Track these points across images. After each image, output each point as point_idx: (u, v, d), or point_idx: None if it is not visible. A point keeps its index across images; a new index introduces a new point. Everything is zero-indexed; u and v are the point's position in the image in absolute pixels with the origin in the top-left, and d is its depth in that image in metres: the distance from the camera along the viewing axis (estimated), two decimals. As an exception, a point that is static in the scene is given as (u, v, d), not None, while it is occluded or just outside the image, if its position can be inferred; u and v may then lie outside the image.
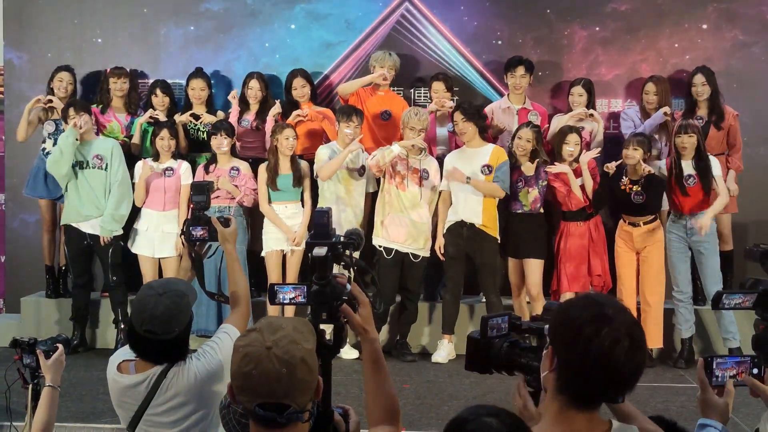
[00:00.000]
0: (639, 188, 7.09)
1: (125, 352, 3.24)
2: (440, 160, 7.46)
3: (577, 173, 7.21)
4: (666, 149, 7.55)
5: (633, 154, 7.04)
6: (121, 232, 7.39)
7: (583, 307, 2.21)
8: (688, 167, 7.12)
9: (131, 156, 7.64)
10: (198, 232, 3.67)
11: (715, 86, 7.57)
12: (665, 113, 7.49)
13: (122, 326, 7.31)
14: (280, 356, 2.21)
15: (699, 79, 7.56)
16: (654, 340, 7.22)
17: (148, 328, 3.09)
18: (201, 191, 3.78)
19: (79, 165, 7.29)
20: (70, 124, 7.15)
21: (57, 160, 7.16)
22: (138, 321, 3.12)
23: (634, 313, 6.80)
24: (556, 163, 7.23)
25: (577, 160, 7.23)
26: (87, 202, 7.30)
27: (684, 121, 7.25)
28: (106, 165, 7.32)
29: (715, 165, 7.17)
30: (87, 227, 7.34)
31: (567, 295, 7.19)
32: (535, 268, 7.24)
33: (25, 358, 3.64)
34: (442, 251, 7.31)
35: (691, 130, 7.09)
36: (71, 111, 7.24)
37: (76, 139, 7.13)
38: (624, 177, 7.14)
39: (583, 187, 7.18)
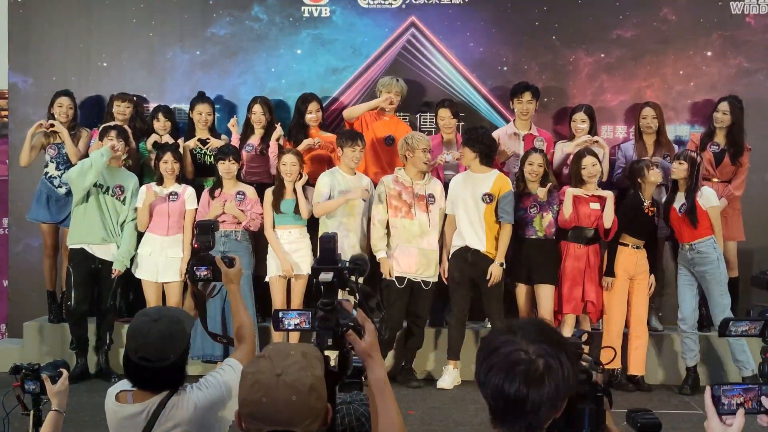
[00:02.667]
0: (655, 209, 7.23)
1: (124, 383, 3.19)
2: (447, 186, 7.47)
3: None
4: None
5: (658, 177, 7.21)
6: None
7: (492, 332, 2.20)
8: (681, 197, 7.16)
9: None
10: (202, 272, 3.65)
11: (737, 118, 7.59)
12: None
13: (105, 348, 7.39)
14: (290, 383, 2.20)
15: (723, 106, 7.61)
16: (638, 367, 7.28)
17: (142, 355, 3.04)
18: (206, 231, 3.77)
19: (99, 188, 7.29)
20: (108, 144, 7.14)
21: (84, 171, 7.09)
22: (132, 348, 3.06)
23: (620, 341, 6.83)
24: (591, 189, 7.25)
25: (599, 181, 7.26)
26: (99, 225, 7.29)
27: (680, 150, 7.30)
28: (125, 198, 7.35)
29: (710, 197, 7.16)
30: (99, 251, 7.33)
31: (567, 318, 7.24)
32: (548, 294, 7.22)
33: (28, 384, 3.59)
34: (446, 275, 7.28)
35: (684, 158, 7.11)
36: (112, 133, 7.25)
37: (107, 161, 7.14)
38: (645, 201, 7.19)
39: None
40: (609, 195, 7.21)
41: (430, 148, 7.26)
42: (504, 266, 7.21)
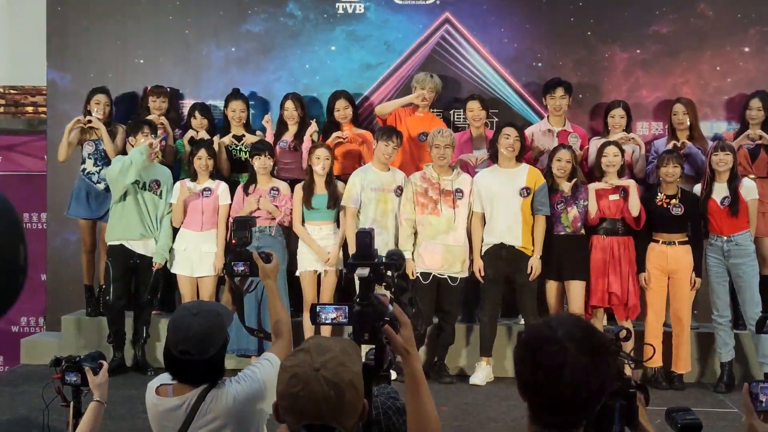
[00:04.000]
0: (677, 201, 7.10)
1: (163, 377, 3.23)
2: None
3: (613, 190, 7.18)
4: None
5: (673, 172, 7.07)
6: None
7: (531, 331, 2.20)
8: (722, 188, 7.08)
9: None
10: (239, 267, 3.69)
11: None
12: (675, 147, 7.43)
13: (142, 342, 7.49)
14: (329, 378, 2.21)
15: (755, 103, 7.55)
16: (683, 365, 7.22)
17: (183, 349, 3.08)
18: (243, 227, 3.81)
19: (136, 184, 7.36)
20: (146, 142, 7.20)
21: (125, 169, 7.14)
22: (173, 342, 3.11)
23: (660, 339, 6.79)
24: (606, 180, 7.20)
25: (620, 173, 7.20)
26: (138, 221, 7.37)
27: (721, 141, 7.22)
28: (161, 192, 7.42)
29: (751, 189, 7.11)
30: (138, 246, 7.41)
31: (596, 312, 7.25)
32: (578, 289, 7.19)
33: (69, 376, 3.64)
34: (482, 273, 7.28)
35: (728, 148, 7.05)
36: (147, 129, 7.33)
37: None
38: (659, 193, 7.13)
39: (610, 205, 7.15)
40: (631, 183, 7.16)
41: (450, 144, 7.20)
42: (540, 260, 7.19)
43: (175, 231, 7.52)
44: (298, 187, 7.40)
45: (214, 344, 3.12)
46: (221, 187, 7.49)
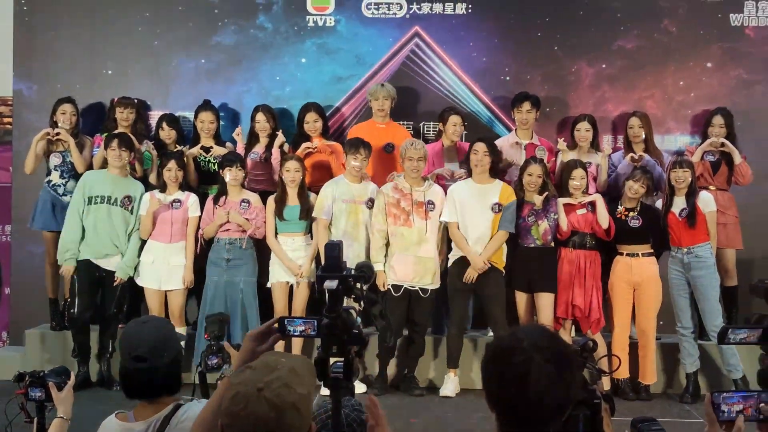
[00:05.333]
0: (635, 214, 7.20)
1: (117, 410, 3.19)
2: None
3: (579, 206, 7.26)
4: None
5: (639, 190, 7.17)
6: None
7: (498, 341, 2.22)
8: (681, 201, 7.18)
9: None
10: (213, 361, 3.75)
11: (732, 129, 7.69)
12: (632, 159, 7.53)
13: (108, 356, 7.41)
14: (270, 399, 2.18)
15: (718, 120, 7.68)
16: (650, 375, 7.32)
17: (137, 355, 3.05)
18: (216, 323, 3.86)
19: (107, 200, 7.32)
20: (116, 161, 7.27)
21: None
22: (127, 350, 3.08)
23: (626, 351, 6.86)
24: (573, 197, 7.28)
25: (584, 193, 7.28)
26: (106, 239, 7.33)
27: (679, 157, 7.33)
28: (132, 208, 7.38)
29: (708, 201, 7.22)
30: (103, 261, 7.37)
31: (565, 323, 7.30)
32: (547, 302, 7.24)
33: (33, 392, 3.56)
34: (479, 267, 7.21)
35: (686, 165, 7.16)
36: (114, 143, 7.28)
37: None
38: (619, 206, 7.25)
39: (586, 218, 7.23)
40: (597, 197, 7.27)
41: (423, 157, 7.21)
42: (488, 265, 7.19)
43: (143, 243, 7.46)
44: (271, 199, 7.39)
45: (167, 350, 3.10)
46: (191, 199, 7.46)
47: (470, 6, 8.34)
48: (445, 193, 7.40)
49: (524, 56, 8.41)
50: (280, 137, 7.74)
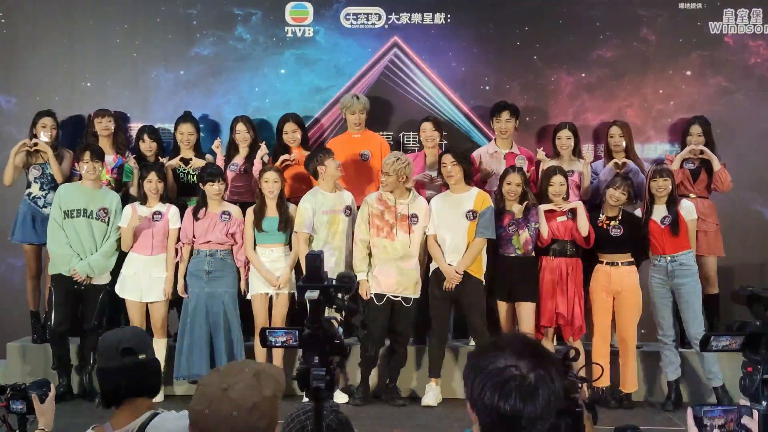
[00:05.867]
0: (617, 223, 7.21)
1: (94, 424, 3.19)
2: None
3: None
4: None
5: (619, 197, 7.17)
6: (109, 278, 7.40)
7: (480, 349, 2.22)
8: (662, 209, 7.21)
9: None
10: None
11: (711, 137, 7.72)
12: (615, 165, 7.57)
13: (89, 368, 7.36)
14: (233, 399, 2.24)
15: (695, 129, 7.72)
16: (630, 384, 7.32)
17: (125, 347, 3.12)
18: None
19: (84, 213, 7.28)
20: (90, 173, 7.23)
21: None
22: (112, 347, 3.13)
23: (606, 359, 6.87)
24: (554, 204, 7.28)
25: (565, 199, 7.29)
26: (82, 252, 7.28)
27: (658, 166, 7.36)
28: (109, 219, 7.34)
29: (690, 209, 7.26)
30: None
31: (547, 331, 7.31)
32: (528, 311, 7.24)
33: (14, 404, 3.57)
34: (453, 277, 7.18)
35: (666, 174, 7.20)
36: (87, 156, 7.23)
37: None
38: (601, 215, 7.26)
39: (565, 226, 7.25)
40: (578, 204, 7.28)
41: (392, 172, 7.12)
42: (461, 274, 7.17)
43: (124, 256, 7.42)
44: (250, 211, 7.38)
45: (148, 346, 3.23)
46: (171, 211, 7.42)
47: (449, 16, 8.37)
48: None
49: (503, 66, 8.44)
50: (263, 149, 7.72)
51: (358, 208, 7.42)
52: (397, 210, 7.26)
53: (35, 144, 7.62)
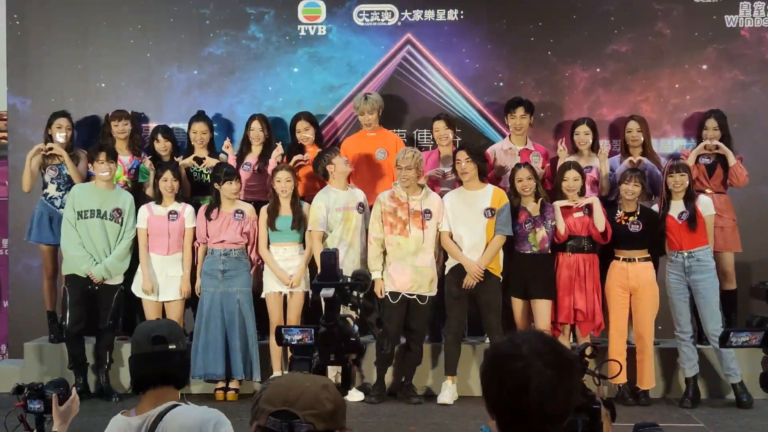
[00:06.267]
0: (635, 218, 7.16)
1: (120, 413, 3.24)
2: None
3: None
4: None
5: (634, 190, 7.12)
6: (122, 278, 7.42)
7: (496, 347, 2.20)
8: (679, 204, 7.17)
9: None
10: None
11: (727, 130, 7.66)
12: (630, 163, 7.53)
13: (105, 367, 7.38)
14: (308, 377, 2.29)
15: (711, 123, 7.66)
16: (648, 380, 7.27)
17: (157, 335, 3.16)
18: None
19: (97, 214, 7.30)
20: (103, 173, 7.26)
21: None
22: (145, 335, 3.18)
23: (623, 356, 6.84)
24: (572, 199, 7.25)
25: (581, 194, 7.25)
26: (95, 252, 7.30)
27: (675, 161, 7.31)
28: (122, 220, 7.36)
29: (708, 205, 7.21)
30: None
31: (563, 328, 7.29)
32: (544, 308, 7.21)
33: (32, 404, 3.58)
34: (475, 273, 7.18)
35: (683, 169, 7.15)
36: (102, 156, 7.25)
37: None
38: (618, 210, 7.21)
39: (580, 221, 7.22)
40: (594, 200, 7.24)
41: (410, 166, 7.14)
42: (483, 269, 7.16)
43: (137, 254, 7.45)
44: (263, 210, 7.38)
45: (182, 338, 3.25)
46: (187, 210, 7.45)
47: (462, 12, 8.34)
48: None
49: (517, 61, 8.40)
50: (279, 148, 7.71)
51: (371, 207, 7.41)
52: (410, 206, 7.25)
53: (50, 148, 7.65)
